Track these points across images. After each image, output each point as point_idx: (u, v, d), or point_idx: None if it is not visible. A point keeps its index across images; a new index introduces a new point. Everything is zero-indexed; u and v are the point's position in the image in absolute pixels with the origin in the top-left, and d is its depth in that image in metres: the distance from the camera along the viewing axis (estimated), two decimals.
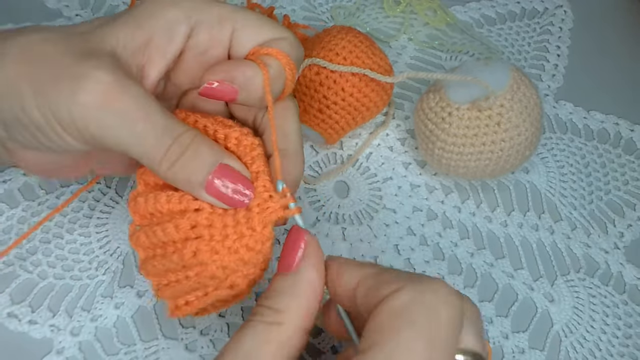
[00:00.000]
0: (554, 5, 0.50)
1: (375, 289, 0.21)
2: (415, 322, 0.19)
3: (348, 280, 0.23)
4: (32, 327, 0.31)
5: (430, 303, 0.20)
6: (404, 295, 0.20)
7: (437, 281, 0.21)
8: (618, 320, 0.34)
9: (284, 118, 0.28)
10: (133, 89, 0.23)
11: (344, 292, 0.23)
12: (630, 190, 0.40)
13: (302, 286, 0.22)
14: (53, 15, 0.44)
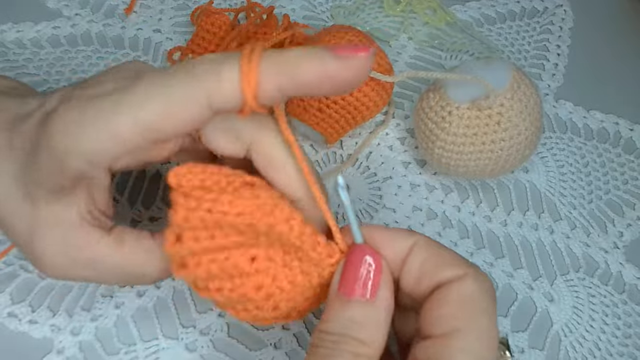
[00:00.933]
0: (554, 4, 0.50)
1: (436, 267, 0.22)
2: (488, 309, 0.21)
3: (399, 246, 0.22)
4: (32, 326, 0.31)
5: (491, 291, 0.21)
6: (473, 282, 0.21)
7: (481, 271, 0.22)
8: (617, 319, 0.35)
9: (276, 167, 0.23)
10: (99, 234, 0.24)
11: (391, 259, 0.22)
12: (630, 189, 0.40)
13: (384, 316, 0.22)
14: (53, 14, 0.44)
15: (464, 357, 0.20)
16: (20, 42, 0.43)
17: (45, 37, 0.43)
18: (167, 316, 0.32)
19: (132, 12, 0.45)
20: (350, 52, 0.20)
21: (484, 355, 0.20)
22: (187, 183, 0.21)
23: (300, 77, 0.20)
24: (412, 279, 0.22)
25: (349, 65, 0.20)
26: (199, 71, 0.20)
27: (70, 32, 0.44)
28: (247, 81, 0.20)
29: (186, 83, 0.20)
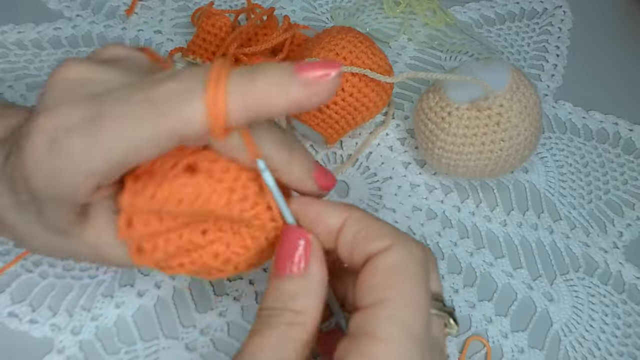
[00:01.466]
0: (553, 5, 0.50)
1: (366, 237, 0.23)
2: (415, 276, 0.22)
3: (332, 221, 0.23)
4: (32, 326, 0.31)
5: (419, 258, 0.22)
6: (400, 251, 0.22)
7: (411, 236, 0.23)
8: (617, 319, 0.35)
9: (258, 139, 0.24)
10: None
11: (324, 232, 0.23)
12: (629, 189, 0.40)
13: (316, 286, 0.23)
14: (54, 15, 0.45)
15: (390, 324, 0.21)
16: (21, 43, 0.43)
17: (46, 38, 0.43)
18: (168, 316, 0.32)
19: (133, 13, 0.46)
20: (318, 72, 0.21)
21: (411, 322, 0.21)
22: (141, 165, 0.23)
23: (268, 109, 0.21)
24: (346, 252, 0.23)
25: (315, 92, 0.21)
26: (164, 107, 0.20)
27: (72, 33, 0.44)
28: (215, 117, 0.20)
29: (152, 121, 0.20)
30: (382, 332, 0.20)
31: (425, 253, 0.23)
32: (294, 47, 0.42)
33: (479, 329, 0.34)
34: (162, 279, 0.33)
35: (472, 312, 0.34)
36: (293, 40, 0.42)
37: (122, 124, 0.20)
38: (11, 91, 0.40)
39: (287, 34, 0.41)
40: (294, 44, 0.42)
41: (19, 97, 0.40)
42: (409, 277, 0.21)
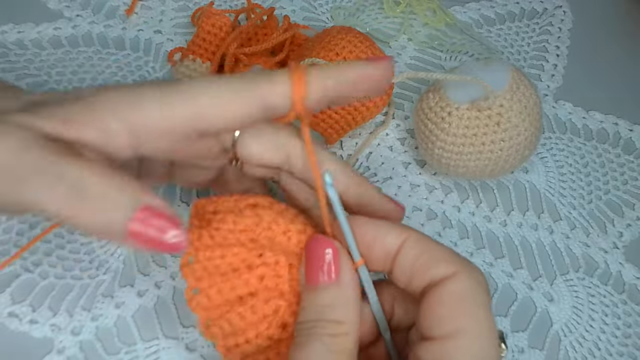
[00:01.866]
0: (553, 5, 0.50)
1: (427, 264, 0.22)
2: (483, 304, 0.21)
3: (390, 242, 0.23)
4: (32, 326, 0.31)
5: (483, 285, 0.22)
6: (466, 279, 0.21)
7: (472, 263, 0.23)
8: (617, 319, 0.35)
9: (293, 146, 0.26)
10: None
11: (381, 254, 0.23)
12: (630, 190, 0.40)
13: (351, 293, 0.23)
14: (54, 15, 0.45)
15: (468, 356, 0.20)
16: (21, 43, 0.43)
17: (46, 38, 0.43)
18: (168, 316, 0.32)
19: (133, 13, 0.46)
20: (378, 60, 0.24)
21: (487, 350, 0.21)
22: (203, 209, 0.25)
23: (343, 78, 0.23)
24: (404, 276, 0.23)
25: (380, 67, 0.24)
26: (252, 75, 0.23)
27: (72, 33, 0.44)
28: (298, 82, 0.22)
29: (241, 82, 0.23)
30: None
31: (486, 281, 0.22)
32: (294, 47, 0.42)
33: None
34: (162, 279, 0.33)
35: None
36: (293, 40, 0.42)
37: (212, 80, 0.23)
38: None
39: (287, 33, 0.41)
40: (294, 44, 0.42)
41: None
42: (479, 305, 0.21)
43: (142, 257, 0.34)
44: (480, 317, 0.21)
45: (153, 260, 0.34)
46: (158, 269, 0.33)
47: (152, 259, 0.34)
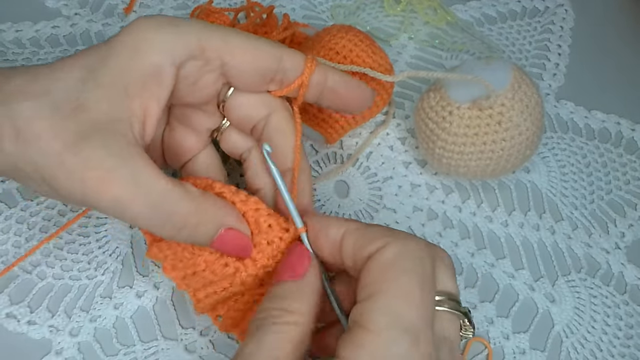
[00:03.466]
0: (555, 4, 0.50)
1: (363, 244, 0.24)
2: (407, 270, 0.22)
3: (333, 234, 0.25)
4: (31, 327, 0.31)
5: (415, 253, 0.23)
6: (393, 248, 0.23)
7: (413, 236, 0.24)
8: (619, 320, 0.34)
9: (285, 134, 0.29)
10: (122, 175, 0.24)
11: (328, 246, 0.25)
12: (632, 189, 0.40)
13: (309, 290, 0.24)
14: (52, 14, 0.44)
15: (378, 315, 0.21)
16: (19, 42, 0.42)
17: (44, 36, 0.43)
18: (167, 317, 0.32)
19: (131, 12, 0.45)
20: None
21: (400, 312, 0.21)
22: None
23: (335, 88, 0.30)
24: (350, 262, 0.24)
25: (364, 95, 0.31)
26: (277, 43, 0.28)
27: (70, 31, 0.44)
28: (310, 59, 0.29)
29: (268, 41, 0.28)
30: (370, 322, 0.21)
31: (426, 249, 0.23)
32: (293, 46, 0.41)
33: (481, 331, 0.33)
34: (161, 280, 0.33)
35: (474, 314, 0.34)
36: (293, 39, 0.41)
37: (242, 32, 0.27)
38: None
39: (286, 32, 0.40)
40: (293, 43, 0.41)
41: None
42: (401, 270, 0.22)
43: (141, 258, 0.34)
44: (400, 281, 0.22)
45: (152, 261, 0.34)
46: (157, 270, 0.33)
47: (150, 260, 0.34)
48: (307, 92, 0.29)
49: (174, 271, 0.28)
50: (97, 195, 0.23)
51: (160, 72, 0.25)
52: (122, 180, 0.24)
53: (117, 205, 0.24)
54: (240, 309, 0.28)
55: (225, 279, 0.27)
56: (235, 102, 0.29)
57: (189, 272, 0.27)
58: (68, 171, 0.23)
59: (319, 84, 0.29)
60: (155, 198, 0.24)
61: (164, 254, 0.28)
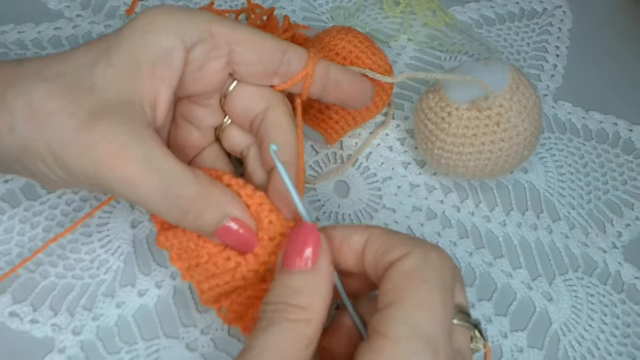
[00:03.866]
0: (553, 5, 0.50)
1: (385, 252, 0.23)
2: (428, 279, 0.22)
3: (357, 241, 0.24)
4: (33, 326, 0.31)
5: (436, 263, 0.22)
6: (415, 257, 0.22)
7: (435, 245, 0.24)
8: (616, 319, 0.35)
9: (282, 128, 0.29)
10: (135, 153, 0.24)
11: (350, 254, 0.24)
12: (629, 189, 0.40)
13: (323, 283, 0.23)
14: (54, 15, 0.45)
15: (398, 323, 0.21)
16: (21, 43, 0.43)
17: (46, 38, 0.43)
18: (168, 315, 0.32)
19: (133, 13, 0.46)
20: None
21: (420, 322, 0.21)
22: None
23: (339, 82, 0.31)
24: (371, 269, 0.24)
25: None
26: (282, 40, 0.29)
27: (72, 33, 0.44)
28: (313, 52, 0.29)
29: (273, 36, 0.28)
30: (391, 331, 0.21)
31: (447, 260, 0.23)
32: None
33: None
34: (163, 279, 0.33)
35: (472, 312, 0.34)
36: (293, 40, 0.42)
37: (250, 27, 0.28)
38: None
39: (287, 34, 0.41)
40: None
41: None
42: (422, 280, 0.22)
43: (143, 257, 0.34)
44: (420, 290, 0.21)
45: (154, 260, 0.34)
46: (159, 268, 0.34)
47: (152, 259, 0.34)
48: (311, 86, 0.30)
49: (179, 261, 0.28)
50: (110, 171, 0.24)
51: (171, 55, 0.26)
52: (134, 157, 0.24)
53: (127, 184, 0.24)
54: (243, 303, 0.28)
55: (227, 272, 0.27)
56: (235, 95, 0.30)
57: (193, 263, 0.28)
58: (82, 147, 0.24)
59: (322, 78, 0.30)
60: (166, 179, 0.24)
61: (171, 243, 0.28)
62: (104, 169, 0.24)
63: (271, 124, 0.29)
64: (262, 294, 0.28)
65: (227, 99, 0.30)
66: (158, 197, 0.24)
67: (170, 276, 0.33)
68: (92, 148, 0.24)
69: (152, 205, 0.25)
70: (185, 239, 0.27)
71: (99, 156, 0.24)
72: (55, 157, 0.24)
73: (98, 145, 0.24)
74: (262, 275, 0.28)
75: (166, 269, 0.34)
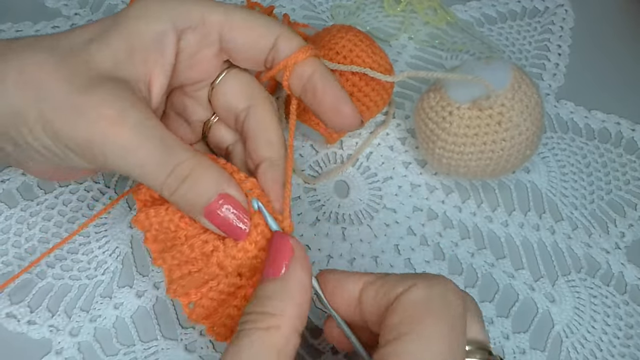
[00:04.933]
0: (555, 4, 0.50)
1: (387, 290, 0.22)
2: (435, 311, 0.21)
3: (351, 288, 0.24)
4: (31, 327, 0.31)
5: (443, 294, 0.22)
6: (420, 289, 0.22)
7: (441, 277, 0.23)
8: (619, 320, 0.34)
9: (265, 125, 0.29)
10: (132, 119, 0.24)
11: (345, 302, 0.24)
12: (632, 189, 0.40)
13: (293, 287, 0.23)
14: (52, 14, 0.44)
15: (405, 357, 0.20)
16: None
17: None
18: (166, 317, 0.32)
19: None
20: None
21: (427, 356, 0.20)
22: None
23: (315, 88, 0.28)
24: (371, 315, 0.23)
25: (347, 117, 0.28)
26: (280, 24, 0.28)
27: None
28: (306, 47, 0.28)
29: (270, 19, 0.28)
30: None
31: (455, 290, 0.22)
32: None
33: None
34: (161, 280, 0.33)
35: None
36: None
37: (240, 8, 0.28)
38: None
39: None
40: None
41: None
42: (429, 312, 0.21)
43: (141, 258, 0.34)
44: (426, 324, 0.21)
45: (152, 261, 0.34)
46: (157, 269, 0.33)
47: (151, 260, 0.34)
48: (292, 82, 0.28)
49: (154, 243, 0.27)
50: (106, 138, 0.23)
51: (163, 40, 0.26)
52: (132, 123, 0.23)
53: (123, 150, 0.23)
54: (213, 299, 0.27)
55: (202, 257, 0.26)
56: (220, 90, 0.29)
57: (169, 244, 0.27)
58: (76, 111, 0.23)
59: (303, 78, 0.28)
60: (164, 145, 0.24)
61: (150, 222, 0.27)
62: (100, 135, 0.23)
63: (254, 122, 0.29)
64: (235, 291, 0.27)
65: (213, 93, 0.30)
66: (154, 164, 0.24)
67: None
68: (87, 112, 0.23)
69: (147, 172, 0.24)
70: (167, 219, 0.26)
71: (96, 121, 0.23)
72: (44, 122, 0.23)
73: (94, 109, 0.23)
74: (238, 267, 0.26)
75: None
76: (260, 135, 0.28)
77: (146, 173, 0.24)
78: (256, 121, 0.29)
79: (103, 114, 0.23)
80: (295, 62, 0.27)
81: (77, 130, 0.23)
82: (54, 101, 0.23)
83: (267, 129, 0.29)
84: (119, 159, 0.24)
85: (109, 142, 0.23)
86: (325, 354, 0.32)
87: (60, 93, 0.23)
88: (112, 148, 0.23)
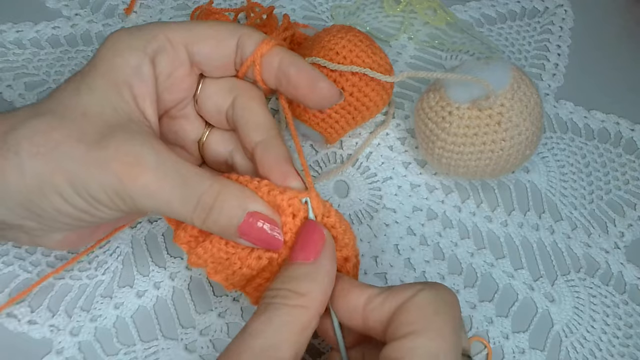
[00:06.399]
0: (554, 4, 0.50)
1: (394, 296, 0.24)
2: (441, 312, 0.23)
3: (357, 296, 0.25)
4: (31, 327, 0.31)
5: (447, 299, 0.24)
6: (428, 292, 0.23)
7: (440, 284, 0.25)
8: (618, 320, 0.34)
9: (251, 110, 0.29)
10: (150, 161, 0.24)
11: (349, 308, 0.25)
12: (631, 189, 0.40)
13: (322, 274, 0.24)
14: (53, 14, 0.44)
15: (414, 354, 0.22)
16: (20, 42, 0.43)
17: (45, 37, 0.43)
18: (167, 316, 0.32)
19: (132, 12, 0.45)
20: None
21: (436, 353, 0.22)
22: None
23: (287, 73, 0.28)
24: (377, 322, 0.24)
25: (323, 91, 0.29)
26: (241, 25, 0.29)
27: (70, 32, 0.44)
28: (266, 40, 0.28)
29: (230, 24, 0.29)
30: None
31: (454, 298, 0.24)
32: (293, 46, 0.41)
33: (480, 330, 0.33)
34: (162, 280, 0.33)
35: (473, 313, 0.34)
36: (293, 39, 0.42)
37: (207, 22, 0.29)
38: (10, 90, 0.40)
39: (286, 32, 0.40)
40: (293, 43, 0.42)
41: (18, 96, 0.40)
42: (437, 313, 0.23)
43: (141, 258, 0.34)
44: (434, 323, 0.22)
45: (152, 261, 0.34)
46: (157, 269, 0.33)
47: (151, 260, 0.34)
48: (264, 76, 0.29)
49: (217, 275, 0.28)
50: (131, 182, 0.24)
51: (141, 70, 0.26)
52: (150, 165, 0.24)
53: (148, 192, 0.24)
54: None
55: (264, 270, 0.27)
56: (204, 96, 0.30)
57: (229, 272, 0.27)
58: (99, 164, 0.24)
59: (273, 68, 0.28)
60: (184, 180, 0.25)
61: (203, 259, 0.27)
62: (126, 180, 0.24)
63: (240, 109, 0.29)
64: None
65: (199, 103, 0.30)
66: (179, 200, 0.25)
67: (169, 277, 0.33)
68: (109, 164, 0.24)
69: (174, 208, 0.25)
70: (216, 250, 0.27)
71: (116, 170, 0.24)
72: (72, 182, 0.24)
73: (113, 160, 0.24)
74: None
75: (165, 270, 0.33)
76: (249, 120, 0.29)
77: (174, 209, 0.25)
78: (242, 108, 0.29)
79: (123, 163, 0.24)
80: (261, 54, 0.28)
81: (104, 181, 0.24)
82: (74, 161, 0.24)
83: (254, 113, 0.29)
84: (147, 200, 0.24)
85: (137, 188, 0.24)
86: (325, 354, 0.32)
87: (78, 153, 0.24)
88: (140, 192, 0.24)
